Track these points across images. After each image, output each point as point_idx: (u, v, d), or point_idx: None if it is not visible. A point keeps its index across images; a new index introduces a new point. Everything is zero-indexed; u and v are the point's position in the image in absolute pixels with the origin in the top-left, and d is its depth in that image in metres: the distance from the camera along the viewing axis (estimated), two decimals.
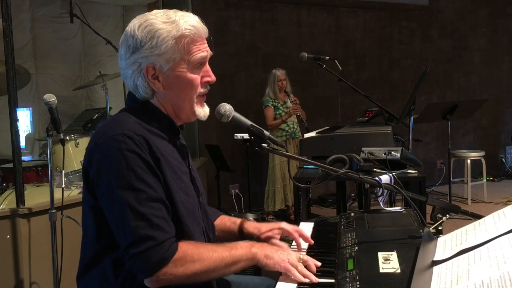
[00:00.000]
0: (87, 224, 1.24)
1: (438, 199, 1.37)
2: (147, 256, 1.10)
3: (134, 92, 1.29)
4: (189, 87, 1.27)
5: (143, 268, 1.11)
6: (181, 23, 1.23)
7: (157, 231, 1.11)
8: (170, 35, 1.21)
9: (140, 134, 1.17)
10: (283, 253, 1.26)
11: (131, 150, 1.14)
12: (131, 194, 1.12)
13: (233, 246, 1.24)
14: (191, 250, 1.16)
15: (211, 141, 4.89)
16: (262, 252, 1.24)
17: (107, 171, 1.14)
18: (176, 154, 1.31)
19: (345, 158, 2.22)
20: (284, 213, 5.04)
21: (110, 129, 1.18)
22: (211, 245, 1.22)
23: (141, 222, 1.10)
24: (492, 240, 0.99)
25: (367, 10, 6.10)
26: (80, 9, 4.32)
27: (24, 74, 3.85)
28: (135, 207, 1.11)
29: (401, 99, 5.96)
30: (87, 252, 1.26)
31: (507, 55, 7.05)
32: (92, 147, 1.20)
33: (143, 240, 1.10)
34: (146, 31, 1.21)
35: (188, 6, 4.24)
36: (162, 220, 1.14)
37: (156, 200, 1.14)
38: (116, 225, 1.14)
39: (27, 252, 2.58)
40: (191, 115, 1.32)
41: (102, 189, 1.16)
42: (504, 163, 6.96)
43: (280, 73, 4.77)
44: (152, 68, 1.23)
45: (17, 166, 2.56)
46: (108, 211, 1.16)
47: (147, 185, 1.14)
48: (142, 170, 1.14)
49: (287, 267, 1.22)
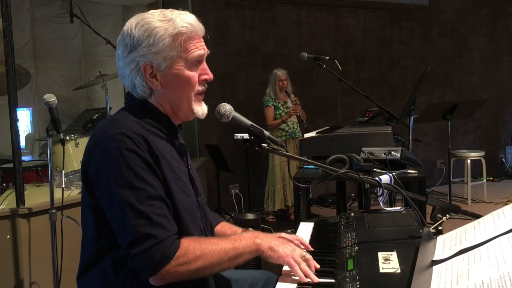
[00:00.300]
0: (86, 223, 1.24)
1: (438, 199, 1.37)
2: (149, 255, 1.09)
3: (132, 91, 1.29)
4: (187, 85, 1.27)
5: (146, 267, 1.11)
6: (177, 21, 1.23)
7: (157, 229, 1.11)
8: (167, 33, 1.22)
9: (139, 133, 1.17)
10: (288, 247, 1.25)
11: (130, 149, 1.14)
12: (130, 193, 1.11)
13: (236, 238, 1.23)
14: (193, 246, 1.16)
15: (211, 141, 4.89)
16: (266, 244, 1.24)
17: (106, 170, 1.14)
18: (175, 153, 1.31)
19: (345, 158, 2.22)
20: (284, 213, 5.05)
21: (109, 128, 1.18)
22: (214, 239, 1.23)
23: (141, 220, 1.10)
24: (492, 239, 0.99)
25: (367, 10, 6.10)
26: (80, 9, 4.32)
27: (24, 74, 3.85)
28: (135, 206, 1.11)
29: (401, 99, 5.96)
30: (87, 252, 1.25)
31: (507, 55, 7.05)
32: (91, 146, 1.20)
33: (144, 238, 1.10)
34: (143, 30, 1.22)
35: (188, 6, 4.25)
36: (163, 218, 1.14)
37: (156, 198, 1.14)
38: (116, 224, 1.14)
39: (27, 252, 2.58)
40: (190, 114, 1.32)
41: (102, 188, 1.16)
42: (504, 163, 6.96)
43: (281, 73, 4.77)
44: (149, 67, 1.23)
45: (17, 166, 2.56)
46: (108, 210, 1.16)
47: (147, 183, 1.14)
48: (141, 168, 1.14)
49: (291, 263, 1.21)
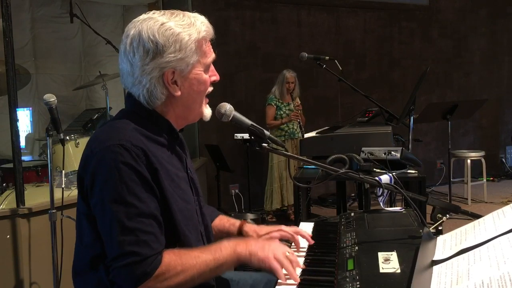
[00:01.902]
0: (82, 230, 1.23)
1: (438, 199, 1.37)
2: (129, 270, 1.09)
3: (143, 99, 1.24)
4: (203, 88, 1.29)
5: (125, 281, 1.11)
6: (198, 24, 1.24)
7: (143, 247, 1.11)
8: (192, 38, 1.22)
9: (138, 145, 1.16)
10: (268, 248, 1.22)
11: (126, 162, 1.13)
12: (121, 208, 1.11)
13: (217, 248, 1.21)
14: (174, 261, 1.15)
15: (211, 141, 4.89)
16: (246, 251, 1.22)
17: (100, 182, 1.14)
18: (175, 160, 1.30)
19: (345, 158, 2.22)
20: (284, 213, 5.05)
21: (108, 137, 1.16)
22: (195, 251, 1.20)
23: (128, 237, 1.10)
24: (492, 239, 0.99)
25: (367, 10, 6.10)
26: (80, 9, 4.32)
27: (24, 74, 3.85)
28: (123, 222, 1.10)
29: (401, 99, 5.96)
30: (80, 257, 1.24)
31: (507, 55, 7.05)
32: (87, 154, 1.19)
33: (127, 255, 1.10)
34: (168, 35, 1.19)
35: (188, 6, 4.24)
36: (151, 236, 1.13)
37: (146, 215, 1.13)
38: (104, 236, 1.15)
39: (27, 252, 2.58)
40: (198, 116, 1.34)
41: (95, 199, 1.15)
42: (504, 163, 6.97)
43: (290, 76, 4.77)
44: (171, 73, 1.22)
45: (17, 166, 2.56)
46: (99, 221, 1.16)
47: (139, 200, 1.13)
48: (135, 183, 1.13)
49: (272, 265, 1.19)
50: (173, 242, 1.21)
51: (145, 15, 1.25)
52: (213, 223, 1.54)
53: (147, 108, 1.25)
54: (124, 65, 1.24)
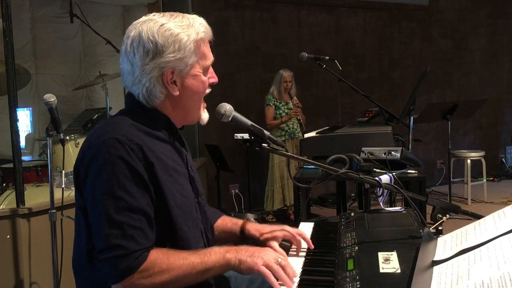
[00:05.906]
0: (79, 225, 1.24)
1: (438, 199, 1.37)
2: (114, 263, 1.10)
3: (142, 98, 1.26)
4: (202, 89, 1.30)
5: (109, 274, 1.11)
6: (196, 25, 1.25)
7: (129, 241, 1.11)
8: (191, 39, 1.23)
9: (133, 140, 1.17)
10: (258, 255, 1.20)
11: (119, 156, 1.13)
12: (110, 202, 1.12)
13: (206, 252, 1.20)
14: (161, 259, 1.14)
15: (211, 141, 4.89)
16: (236, 258, 1.20)
17: (93, 174, 1.15)
18: (175, 155, 1.31)
19: (345, 158, 2.22)
20: (284, 213, 5.05)
21: (105, 132, 1.18)
22: (183, 253, 1.19)
23: (114, 230, 1.11)
24: (492, 240, 0.99)
25: (367, 10, 6.10)
26: (80, 9, 4.32)
27: (24, 74, 3.85)
28: (111, 215, 1.11)
29: (401, 99, 5.96)
30: (80, 254, 1.24)
31: (507, 55, 7.05)
32: (85, 148, 1.21)
33: (113, 248, 1.10)
34: (167, 35, 1.21)
35: (188, 6, 4.24)
36: (138, 231, 1.13)
37: (136, 210, 1.13)
38: (93, 228, 1.16)
39: (27, 252, 2.58)
40: (195, 118, 1.35)
41: (87, 191, 1.17)
42: (504, 163, 6.97)
43: (287, 75, 4.79)
44: (171, 73, 1.24)
45: (17, 166, 2.56)
46: (90, 214, 1.17)
47: (129, 194, 1.13)
48: (127, 178, 1.13)
49: (263, 271, 1.16)
50: (169, 236, 1.20)
51: (145, 17, 1.27)
52: (216, 223, 1.53)
53: (146, 106, 1.27)
54: (124, 65, 1.26)
